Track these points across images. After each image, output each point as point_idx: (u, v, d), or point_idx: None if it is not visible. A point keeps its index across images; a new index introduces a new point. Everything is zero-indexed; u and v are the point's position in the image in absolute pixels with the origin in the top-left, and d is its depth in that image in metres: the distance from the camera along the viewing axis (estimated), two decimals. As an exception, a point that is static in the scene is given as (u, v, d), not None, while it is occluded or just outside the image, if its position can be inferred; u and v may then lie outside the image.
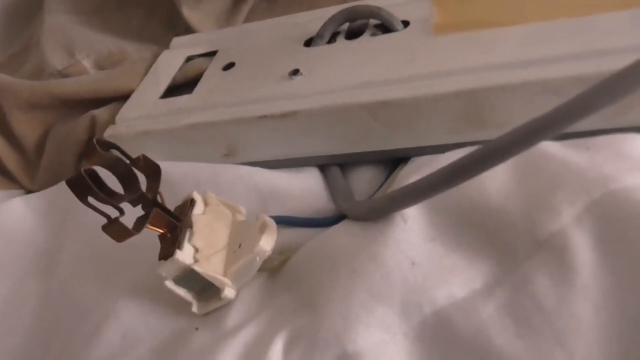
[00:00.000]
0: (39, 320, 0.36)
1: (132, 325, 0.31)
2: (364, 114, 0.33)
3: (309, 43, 0.41)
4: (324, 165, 0.37)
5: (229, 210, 0.33)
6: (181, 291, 0.30)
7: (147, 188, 0.31)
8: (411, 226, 0.28)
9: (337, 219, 0.33)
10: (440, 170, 0.26)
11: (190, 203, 0.32)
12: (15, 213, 0.41)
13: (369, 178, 0.36)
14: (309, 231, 0.33)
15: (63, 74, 0.50)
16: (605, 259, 0.24)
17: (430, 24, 0.37)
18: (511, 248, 0.26)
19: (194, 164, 0.38)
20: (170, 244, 0.30)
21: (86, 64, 0.50)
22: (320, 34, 0.40)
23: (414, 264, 0.27)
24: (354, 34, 0.40)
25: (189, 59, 0.46)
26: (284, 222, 0.34)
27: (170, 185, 0.36)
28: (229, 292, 0.30)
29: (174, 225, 0.30)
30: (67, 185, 0.27)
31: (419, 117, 0.33)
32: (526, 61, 0.31)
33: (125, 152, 0.30)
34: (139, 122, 0.41)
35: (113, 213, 0.28)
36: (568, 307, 0.24)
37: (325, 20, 0.40)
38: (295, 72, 0.38)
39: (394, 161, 0.36)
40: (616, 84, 0.21)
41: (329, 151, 0.36)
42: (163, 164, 0.37)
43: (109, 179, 0.29)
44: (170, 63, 0.46)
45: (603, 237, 0.25)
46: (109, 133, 0.41)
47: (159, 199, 0.30)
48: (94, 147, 0.28)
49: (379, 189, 0.35)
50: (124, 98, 0.45)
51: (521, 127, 0.23)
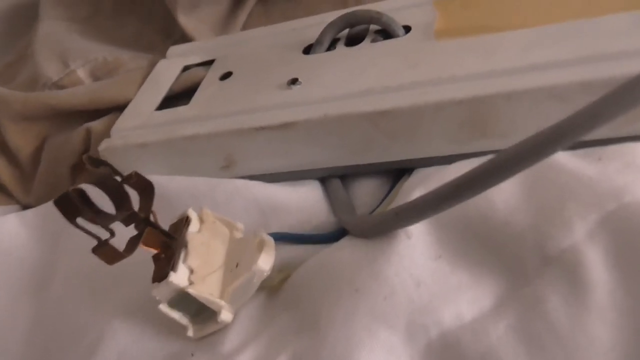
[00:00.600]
0: (32, 341, 0.35)
1: (127, 348, 0.30)
2: (365, 124, 0.32)
3: (308, 50, 0.40)
4: (325, 177, 0.36)
5: (226, 227, 0.32)
6: (176, 315, 0.29)
7: (140, 206, 0.29)
8: (415, 242, 0.27)
9: (339, 234, 0.32)
10: (447, 185, 0.24)
11: (186, 221, 0.31)
12: (9, 229, 0.40)
13: (371, 190, 0.35)
14: (309, 247, 0.32)
15: (58, 85, 0.49)
16: (620, 277, 0.23)
17: (433, 29, 0.35)
18: (520, 264, 0.25)
19: (190, 179, 0.36)
20: (164, 265, 0.29)
21: (81, 73, 0.49)
22: (319, 41, 0.39)
23: (419, 283, 0.26)
24: (354, 40, 0.38)
25: (186, 69, 0.45)
26: (283, 239, 0.33)
27: (166, 200, 0.35)
28: (226, 316, 0.29)
29: (168, 244, 0.29)
30: (55, 206, 0.26)
31: (421, 126, 0.31)
32: (531, 66, 0.30)
33: (116, 169, 0.29)
34: (134, 134, 0.40)
35: (104, 234, 0.27)
36: (582, 329, 0.23)
37: (324, 27, 0.39)
38: (294, 81, 0.36)
39: (398, 172, 0.34)
40: (635, 91, 0.20)
41: (330, 163, 0.35)
42: (158, 178, 0.37)
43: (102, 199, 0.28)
44: (167, 73, 0.45)
45: (617, 253, 0.23)
46: (104, 146, 0.40)
47: (152, 217, 0.29)
48: (83, 165, 0.27)
49: (382, 202, 0.33)
50: (120, 109, 0.43)
51: (533, 138, 0.21)
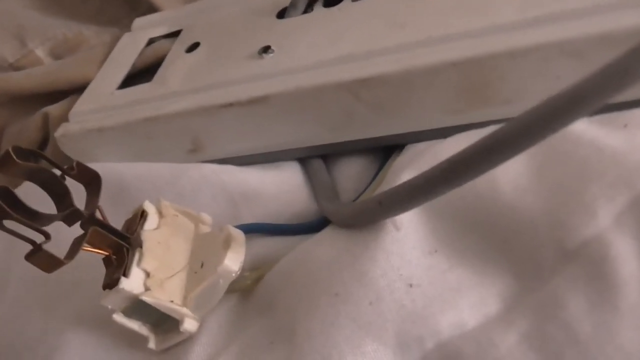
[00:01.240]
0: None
1: (82, 363, 0.27)
2: (345, 95, 0.28)
3: (282, 14, 0.35)
4: (305, 158, 0.32)
5: (190, 221, 0.28)
6: (134, 325, 0.26)
7: (86, 202, 0.25)
8: (406, 235, 0.23)
9: (320, 224, 0.28)
10: (439, 166, 0.20)
11: (141, 216, 0.27)
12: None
13: (357, 171, 0.31)
14: (287, 239, 0.28)
15: (15, 67, 0.45)
16: (656, 272, 0.19)
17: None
18: (533, 259, 0.21)
19: (151, 165, 0.32)
20: (115, 269, 0.25)
21: (40, 53, 0.45)
22: (294, 3, 0.35)
23: (411, 285, 0.22)
24: (333, 0, 0.34)
25: (151, 42, 0.40)
26: (258, 231, 0.29)
27: (125, 191, 0.32)
28: (190, 325, 0.25)
29: (119, 245, 0.25)
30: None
31: (411, 96, 0.27)
32: (538, 19, 0.26)
33: (53, 161, 0.25)
34: (93, 118, 0.36)
35: (39, 238, 0.23)
36: (611, 337, 0.19)
37: (299, -14, 0.34)
38: (266, 50, 0.32)
39: (386, 150, 0.30)
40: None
41: (308, 141, 0.31)
42: (115, 166, 0.33)
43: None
44: (131, 48, 0.41)
45: (652, 243, 0.19)
46: (61, 132, 0.36)
47: (98, 214, 0.25)
48: (9, 158, 0.23)
49: (370, 184, 0.29)
50: (81, 90, 0.40)
51: (546, 104, 0.17)
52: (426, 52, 0.27)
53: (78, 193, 0.26)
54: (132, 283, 0.24)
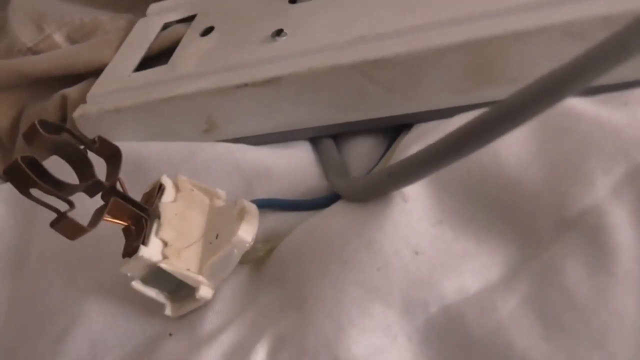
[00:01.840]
0: (7, 324, 0.32)
1: (101, 330, 0.28)
2: (356, 76, 0.29)
3: (294, -1, 0.36)
4: (316, 137, 0.33)
5: (205, 196, 0.29)
6: (152, 292, 0.27)
7: (107, 174, 0.26)
8: (413, 206, 0.24)
9: (330, 199, 0.28)
10: (444, 138, 0.21)
11: (159, 189, 0.28)
12: (-16, 206, 0.38)
13: (367, 150, 0.31)
14: (298, 214, 0.29)
15: (33, 51, 0.46)
16: (651, 240, 0.20)
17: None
18: (533, 228, 0.22)
19: (167, 144, 0.33)
20: (134, 238, 0.26)
21: (57, 37, 0.46)
22: (307, -13, 0.35)
23: (417, 253, 0.23)
24: (345, -15, 0.35)
25: (166, 27, 0.41)
26: (270, 206, 0.30)
27: (142, 168, 0.32)
28: (205, 292, 0.26)
29: (138, 216, 0.26)
30: (5, 176, 0.23)
31: (421, 76, 0.28)
32: (543, 2, 0.26)
33: (77, 135, 0.26)
34: (110, 99, 0.37)
35: (64, 207, 0.24)
36: (607, 301, 0.19)
37: (312, -29, 0.35)
38: (279, 33, 0.33)
39: (395, 129, 0.31)
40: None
41: (320, 121, 0.32)
42: (133, 144, 0.34)
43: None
44: (146, 32, 0.42)
45: (648, 212, 0.20)
46: (79, 113, 0.37)
47: (119, 186, 0.26)
48: (36, 131, 0.24)
49: (379, 162, 0.30)
50: (97, 73, 0.41)
51: (542, 80, 0.18)
52: (435, 35, 0.28)
53: (98, 167, 0.27)
54: (151, 251, 0.25)
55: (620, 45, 0.18)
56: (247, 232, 0.26)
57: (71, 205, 0.24)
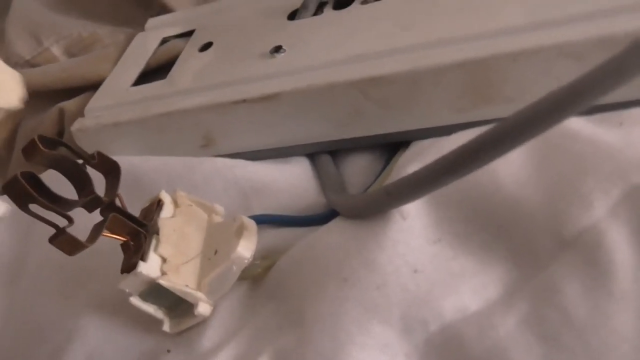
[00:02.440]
0: (2, 338, 0.32)
1: (98, 346, 0.28)
2: (355, 93, 0.29)
3: (293, 16, 0.36)
4: (313, 153, 0.33)
5: (203, 211, 0.29)
6: (150, 308, 0.26)
7: (106, 190, 0.26)
8: (412, 224, 0.24)
9: (328, 216, 0.29)
10: (443, 158, 0.21)
11: (158, 205, 0.28)
12: (-21, 219, 0.37)
13: (364, 167, 0.32)
14: (296, 231, 0.29)
15: (31, 64, 0.46)
16: (647, 260, 0.20)
17: (429, -13, 0.32)
18: (531, 247, 0.22)
19: (166, 158, 0.33)
20: (133, 254, 0.26)
21: (55, 51, 0.46)
22: (305, 5, 0.36)
23: (416, 271, 0.23)
24: (342, 3, 0.35)
25: (165, 41, 0.41)
26: (268, 222, 0.30)
27: (140, 183, 0.33)
28: (204, 308, 0.26)
29: (137, 232, 0.26)
30: (4, 192, 0.23)
31: (418, 94, 0.28)
32: (540, 23, 0.27)
33: (76, 150, 0.26)
34: (108, 113, 0.37)
35: (63, 222, 0.24)
36: (605, 321, 0.20)
37: (310, -11, 0.36)
38: (277, 49, 0.33)
39: (393, 146, 0.31)
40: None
41: (318, 137, 0.32)
42: (131, 159, 0.34)
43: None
44: (144, 47, 0.42)
45: (645, 232, 0.20)
46: (76, 126, 0.37)
47: (118, 202, 0.26)
48: (35, 146, 0.24)
49: (377, 179, 0.30)
50: (95, 87, 0.41)
51: (542, 101, 0.18)
52: (433, 53, 0.28)
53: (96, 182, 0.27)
54: (150, 267, 0.25)
55: (619, 69, 0.18)
56: (246, 249, 0.26)
57: (70, 220, 0.24)
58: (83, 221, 0.25)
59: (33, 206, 0.24)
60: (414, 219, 0.24)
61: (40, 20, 0.48)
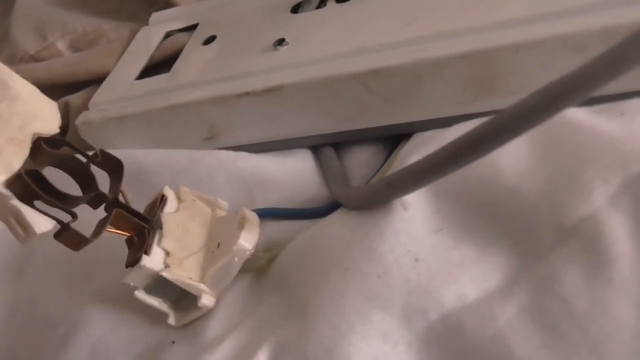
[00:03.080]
0: (8, 330, 0.32)
1: (103, 338, 0.28)
2: (357, 86, 0.29)
3: (296, 9, 0.36)
4: (316, 146, 0.33)
5: (207, 206, 0.29)
6: (155, 301, 0.27)
7: (110, 186, 0.27)
8: (413, 214, 0.24)
9: (331, 208, 0.29)
10: (444, 148, 0.21)
11: (161, 200, 0.28)
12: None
13: (367, 159, 0.32)
14: (299, 223, 0.29)
15: (36, 58, 0.46)
16: (647, 249, 0.20)
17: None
18: (532, 237, 0.22)
19: (169, 151, 0.34)
20: (137, 248, 0.26)
21: (60, 46, 0.46)
22: (308, -2, 0.36)
23: (417, 260, 0.23)
24: (345, -4, 0.35)
25: (168, 35, 0.42)
26: (271, 215, 0.30)
27: (144, 176, 0.33)
28: (207, 300, 0.26)
29: (140, 227, 0.26)
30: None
31: (420, 86, 0.28)
32: (542, 15, 0.27)
33: (79, 149, 0.26)
34: (112, 107, 0.37)
35: (67, 218, 0.25)
36: (604, 309, 0.20)
37: (313, -18, 0.36)
38: (281, 42, 0.33)
39: (395, 138, 0.31)
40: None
41: (321, 130, 0.32)
42: (134, 152, 0.34)
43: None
44: (148, 41, 0.42)
45: (645, 221, 0.20)
46: (81, 120, 0.37)
47: (121, 198, 0.26)
48: (39, 147, 0.24)
49: (379, 171, 0.30)
50: (100, 81, 0.41)
51: (541, 91, 0.18)
52: (435, 46, 0.28)
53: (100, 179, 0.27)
54: (153, 261, 0.26)
55: (618, 59, 0.18)
56: (248, 241, 0.26)
57: (74, 216, 0.24)
58: (88, 217, 0.26)
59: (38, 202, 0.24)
60: (415, 209, 0.24)
61: (44, 15, 0.48)
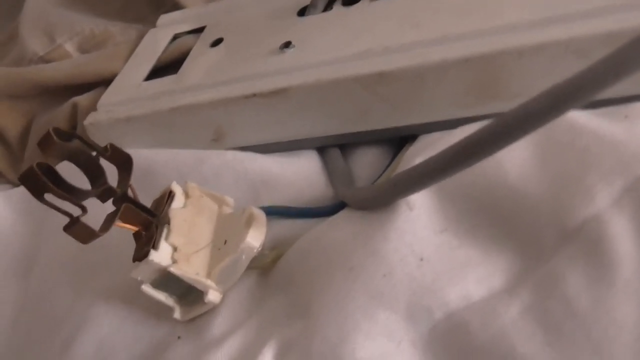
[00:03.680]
0: (15, 330, 0.33)
1: (109, 334, 0.28)
2: (360, 88, 0.30)
3: (303, 12, 0.37)
4: (322, 147, 0.33)
5: (214, 202, 0.30)
6: (161, 296, 0.27)
7: (118, 181, 0.27)
8: (418, 214, 0.24)
9: (336, 207, 0.29)
10: (449, 149, 0.22)
11: (169, 196, 0.28)
12: (-5, 211, 0.38)
13: (372, 160, 0.32)
14: (305, 223, 0.30)
15: (44, 60, 0.46)
16: (650, 250, 0.20)
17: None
18: (535, 239, 0.22)
19: (176, 151, 0.34)
20: (145, 243, 0.27)
21: (68, 47, 0.47)
22: (314, 2, 0.36)
23: (422, 260, 0.23)
24: (351, 0, 0.35)
25: (176, 37, 0.42)
26: (277, 213, 0.30)
27: (151, 175, 0.33)
28: (213, 296, 0.26)
29: (149, 221, 0.27)
30: (20, 182, 0.24)
31: (424, 89, 0.29)
32: (545, 20, 0.27)
33: (90, 143, 0.26)
34: (120, 108, 0.38)
35: (77, 211, 0.25)
36: (606, 310, 0.20)
37: (319, -14, 0.36)
38: (287, 45, 0.34)
39: (400, 140, 0.32)
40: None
41: (326, 131, 0.32)
42: (142, 151, 0.34)
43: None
44: (156, 43, 0.42)
45: (647, 224, 0.21)
46: (89, 120, 0.38)
47: (130, 193, 0.27)
48: (51, 138, 0.25)
49: (384, 172, 0.31)
50: (108, 82, 0.41)
51: (544, 94, 0.19)
52: (439, 50, 0.28)
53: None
54: (161, 256, 0.26)
55: (621, 62, 0.18)
56: (255, 239, 0.27)
57: (84, 210, 0.25)
58: (95, 211, 0.26)
59: (48, 196, 0.25)
60: (420, 210, 0.24)
61: (53, 17, 0.48)
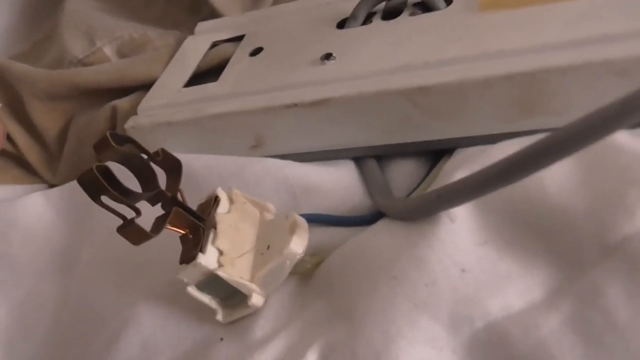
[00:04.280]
0: (56, 326, 0.34)
1: (153, 333, 0.29)
2: (402, 101, 0.30)
3: (342, 25, 0.38)
4: (360, 157, 0.34)
5: (256, 209, 0.30)
6: (205, 298, 0.28)
7: (167, 185, 0.28)
8: (459, 227, 0.25)
9: (375, 217, 0.30)
10: (495, 165, 0.22)
11: (214, 201, 0.29)
12: (34, 209, 0.39)
13: (408, 172, 0.33)
14: (344, 231, 0.31)
15: (84, 63, 0.48)
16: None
17: (476, 1, 0.33)
18: (575, 254, 0.23)
19: (218, 157, 0.35)
20: (192, 246, 0.28)
21: (107, 51, 0.48)
22: (354, 15, 0.37)
23: (464, 271, 0.24)
24: (391, 14, 0.36)
25: (214, 45, 0.43)
26: (317, 221, 0.31)
27: (192, 179, 0.34)
28: (257, 299, 0.27)
29: (196, 225, 0.28)
30: (79, 184, 0.25)
31: (465, 104, 0.29)
32: (586, 39, 0.28)
33: (142, 147, 0.27)
34: (161, 112, 0.39)
35: (129, 213, 0.26)
36: (646, 324, 0.21)
37: (359, -1, 0.37)
38: (328, 57, 0.35)
39: (437, 153, 0.33)
40: None
41: (365, 142, 0.33)
42: (184, 156, 0.35)
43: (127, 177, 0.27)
44: (195, 49, 0.43)
45: (686, 242, 0.21)
46: (130, 124, 0.39)
47: (179, 197, 0.28)
48: (107, 141, 0.26)
49: (420, 184, 0.32)
50: (146, 87, 0.42)
51: (594, 115, 0.19)
52: (482, 66, 0.29)
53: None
54: (208, 259, 0.27)
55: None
56: (299, 245, 0.27)
57: (138, 212, 0.26)
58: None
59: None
60: (461, 222, 0.25)
61: (93, 22, 0.49)
